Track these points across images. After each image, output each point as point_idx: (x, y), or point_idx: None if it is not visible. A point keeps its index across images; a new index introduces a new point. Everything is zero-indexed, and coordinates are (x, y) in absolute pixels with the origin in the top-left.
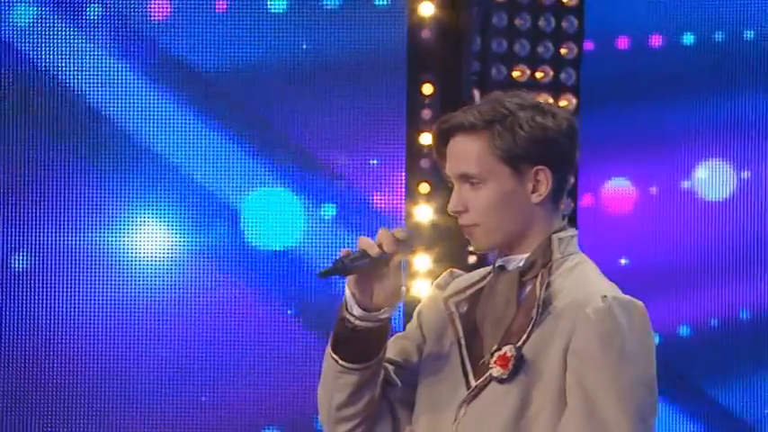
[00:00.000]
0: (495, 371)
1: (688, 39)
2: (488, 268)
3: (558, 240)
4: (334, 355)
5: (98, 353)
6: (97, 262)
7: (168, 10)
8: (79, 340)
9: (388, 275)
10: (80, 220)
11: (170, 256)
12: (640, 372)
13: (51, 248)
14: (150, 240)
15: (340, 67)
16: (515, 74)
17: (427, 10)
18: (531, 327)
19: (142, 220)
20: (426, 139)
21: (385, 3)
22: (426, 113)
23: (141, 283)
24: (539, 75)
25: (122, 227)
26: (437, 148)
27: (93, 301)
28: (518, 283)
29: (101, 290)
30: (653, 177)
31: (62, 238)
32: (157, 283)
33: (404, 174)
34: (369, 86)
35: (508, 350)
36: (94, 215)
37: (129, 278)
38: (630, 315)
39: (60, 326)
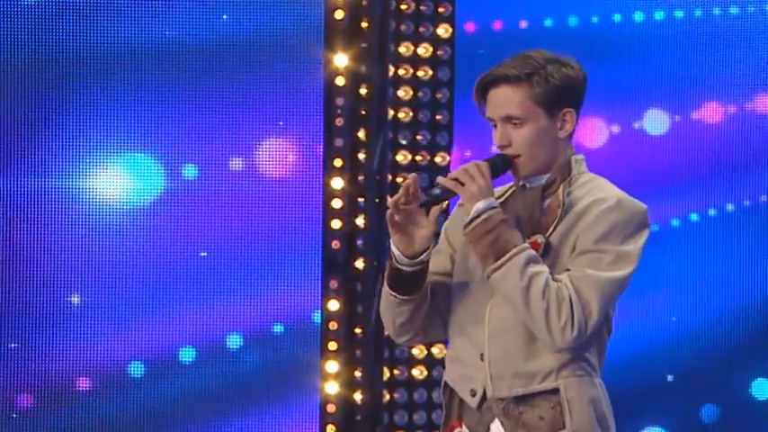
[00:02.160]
0: None
1: (548, 22)
2: (504, 188)
3: (575, 161)
4: (392, 292)
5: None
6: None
7: None
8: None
9: (426, 224)
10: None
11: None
12: (621, 252)
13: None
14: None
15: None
16: (401, 50)
17: None
18: (556, 222)
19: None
20: (340, 101)
21: None
22: (340, 80)
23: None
24: (420, 51)
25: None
26: (478, 96)
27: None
28: (540, 196)
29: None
30: None
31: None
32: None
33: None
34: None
35: (538, 237)
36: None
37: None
38: (633, 211)
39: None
